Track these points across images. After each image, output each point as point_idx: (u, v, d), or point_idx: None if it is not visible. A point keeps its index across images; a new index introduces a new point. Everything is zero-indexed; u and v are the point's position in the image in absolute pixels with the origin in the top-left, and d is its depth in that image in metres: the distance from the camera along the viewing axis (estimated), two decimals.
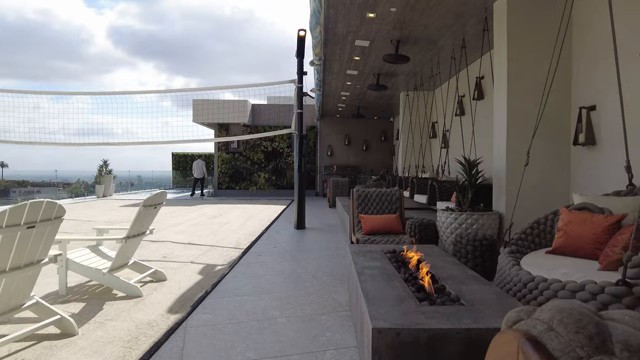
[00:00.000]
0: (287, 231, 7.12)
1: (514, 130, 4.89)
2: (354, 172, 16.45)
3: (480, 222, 4.68)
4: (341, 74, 9.21)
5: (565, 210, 2.96)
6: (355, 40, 6.97)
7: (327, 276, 4.09)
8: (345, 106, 13.55)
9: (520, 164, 4.91)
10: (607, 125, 4.31)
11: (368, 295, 2.04)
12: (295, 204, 7.37)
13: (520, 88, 4.90)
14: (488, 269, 3.85)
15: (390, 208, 4.51)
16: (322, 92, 11.11)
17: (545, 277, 2.34)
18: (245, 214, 10.07)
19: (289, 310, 3.16)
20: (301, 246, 5.75)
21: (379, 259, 2.86)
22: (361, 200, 4.57)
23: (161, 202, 3.98)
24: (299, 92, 7.36)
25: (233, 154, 16.75)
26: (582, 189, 4.64)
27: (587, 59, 4.61)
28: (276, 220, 8.72)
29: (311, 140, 16.64)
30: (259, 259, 4.94)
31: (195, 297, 3.54)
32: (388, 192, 4.59)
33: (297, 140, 7.27)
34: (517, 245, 3.10)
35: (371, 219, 4.27)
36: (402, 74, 9.19)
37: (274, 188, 16.66)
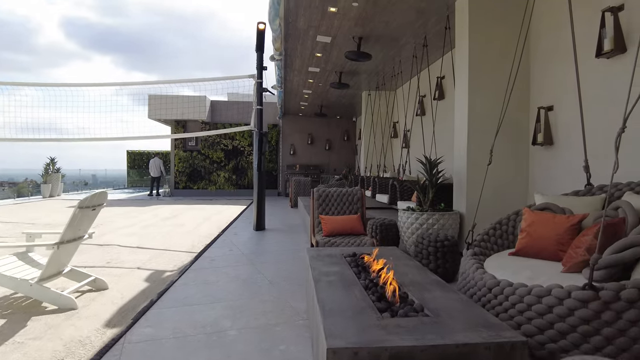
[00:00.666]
0: (246, 233, 6.82)
1: (475, 130, 4.87)
2: (316, 172, 16.29)
3: (441, 222, 4.61)
4: (303, 71, 9.00)
5: (528, 210, 2.90)
6: (316, 35, 6.78)
7: (285, 281, 3.86)
8: (308, 105, 13.36)
9: (481, 163, 4.89)
10: (564, 126, 4.35)
11: (324, 306, 1.84)
12: (254, 204, 7.08)
13: (481, 87, 4.88)
14: (450, 270, 3.76)
15: (352, 208, 4.35)
16: (283, 89, 10.85)
17: (511, 281, 2.24)
18: (202, 214, 9.65)
19: (242, 320, 2.90)
20: (259, 249, 5.48)
21: (338, 264, 2.67)
22: (322, 200, 4.37)
23: (101, 204, 3.60)
24: (258, 87, 7.08)
25: (191, 152, 16.13)
26: (540, 188, 4.68)
27: (544, 59, 4.65)
28: (235, 221, 8.38)
29: (273, 139, 16.32)
30: (213, 263, 4.63)
31: (139, 308, 3.21)
32: (349, 191, 4.42)
33: (256, 137, 6.99)
34: (479, 246, 3.01)
35: (332, 220, 4.08)
36: (364, 73, 9.11)
37: (234, 188, 16.20)
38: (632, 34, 3.53)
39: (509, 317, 2.17)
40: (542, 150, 4.67)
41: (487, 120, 4.88)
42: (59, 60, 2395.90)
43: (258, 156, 6.92)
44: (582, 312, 1.89)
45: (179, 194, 16.01)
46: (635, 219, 2.41)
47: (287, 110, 14.98)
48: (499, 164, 4.90)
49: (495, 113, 4.90)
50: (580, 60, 4.12)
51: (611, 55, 3.66)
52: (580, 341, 1.90)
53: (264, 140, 6.93)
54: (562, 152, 4.35)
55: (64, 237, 3.26)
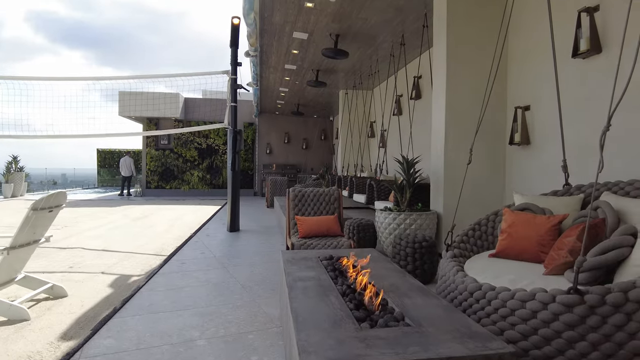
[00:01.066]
0: (219, 234, 6.59)
1: (452, 129, 4.83)
2: (293, 171, 16.12)
3: (418, 222, 4.54)
4: (279, 68, 8.82)
5: (508, 211, 2.83)
6: (293, 31, 6.63)
7: (259, 285, 3.69)
8: (285, 103, 13.17)
9: (458, 163, 4.86)
10: (540, 126, 4.36)
11: (298, 317, 1.69)
12: (228, 204, 6.86)
13: (459, 86, 4.84)
14: (428, 271, 3.69)
15: (329, 209, 4.22)
16: (259, 87, 10.63)
17: (493, 285, 2.15)
18: (174, 215, 9.33)
19: (212, 329, 2.73)
20: (232, 251, 5.28)
21: (314, 268, 2.53)
22: (298, 200, 4.22)
23: (59, 205, 3.34)
24: (233, 84, 6.86)
25: (163, 150, 15.67)
26: (517, 188, 4.67)
27: (521, 59, 4.65)
28: (208, 222, 8.12)
29: (249, 138, 16.04)
30: (183, 267, 4.42)
31: (100, 317, 2.98)
32: (326, 191, 4.29)
33: (230, 135, 6.77)
34: (459, 248, 2.93)
35: (308, 221, 3.94)
36: (342, 71, 9.01)
37: (208, 187, 15.83)
38: (607, 34, 3.54)
39: (491, 322, 2.09)
40: (519, 150, 4.67)
41: (464, 120, 4.85)
42: (24, 55, 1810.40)
43: (232, 155, 6.71)
44: (567, 317, 1.81)
45: (150, 194, 15.52)
46: (615, 220, 2.37)
47: (264, 108, 14.75)
48: (476, 163, 4.87)
49: (472, 112, 4.87)
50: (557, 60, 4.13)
51: (587, 56, 3.66)
52: (565, 347, 1.82)
53: (239, 139, 6.72)
54: (539, 152, 4.35)
55: (15, 242, 2.99)
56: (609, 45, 3.51)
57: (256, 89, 10.69)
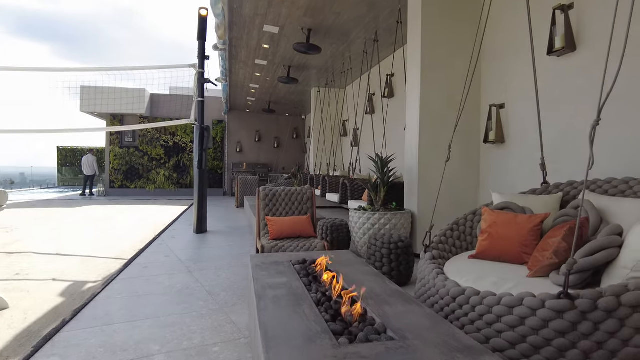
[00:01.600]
0: (185, 236, 6.26)
1: (426, 127, 4.73)
2: (264, 170, 15.81)
3: (393, 222, 4.42)
4: (249, 63, 8.54)
5: (487, 210, 2.73)
6: (263, 25, 6.38)
7: (227, 291, 3.45)
8: (255, 100, 12.86)
9: (432, 161, 4.77)
10: (515, 124, 4.32)
11: (267, 332, 1.49)
12: (195, 204, 6.54)
13: (433, 84, 4.75)
14: (404, 273, 3.55)
15: (301, 209, 4.02)
16: (228, 82, 10.29)
17: (477, 290, 2.02)
18: (139, 216, 8.88)
19: (173, 341, 2.47)
20: (199, 254, 5.00)
21: (286, 273, 2.33)
22: (268, 200, 4.00)
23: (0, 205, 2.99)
24: (200, 78, 6.54)
25: (128, 148, 15.00)
26: (492, 187, 4.63)
27: (496, 56, 4.60)
28: (174, 223, 7.74)
29: (218, 136, 15.60)
30: (145, 272, 4.10)
31: (45, 331, 2.67)
32: (298, 191, 4.09)
33: (197, 132, 6.45)
34: (438, 249, 2.80)
35: (279, 222, 3.73)
36: (314, 68, 8.82)
37: (175, 187, 15.29)
38: (582, 32, 3.51)
39: (476, 329, 1.95)
40: (493, 149, 4.63)
41: (439, 118, 4.77)
42: None
43: (199, 152, 6.40)
44: (557, 324, 1.69)
45: (114, 194, 14.84)
46: (598, 219, 2.29)
47: (233, 105, 14.37)
48: (450, 162, 4.80)
49: (447, 110, 4.80)
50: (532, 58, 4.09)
51: (562, 54, 3.63)
52: (556, 355, 1.71)
53: (206, 135, 6.42)
54: (514, 151, 4.31)
55: None
56: (584, 43, 3.49)
57: (225, 85, 10.35)
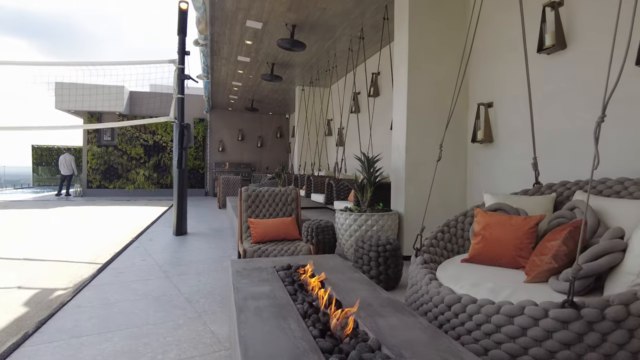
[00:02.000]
0: (164, 238, 6.02)
1: (414, 126, 4.62)
2: (247, 170, 15.55)
3: (380, 223, 4.29)
4: (232, 59, 8.31)
5: (480, 211, 2.61)
6: (246, 20, 6.19)
7: (206, 298, 3.26)
8: (238, 98, 12.61)
9: (420, 161, 4.67)
10: (504, 123, 4.24)
11: (248, 350, 1.33)
12: (174, 205, 6.30)
13: (421, 82, 4.64)
14: (392, 276, 3.43)
15: (285, 210, 3.85)
16: (210, 80, 10.03)
17: (474, 297, 1.90)
18: (116, 217, 8.55)
19: (147, 355, 2.28)
20: (178, 258, 4.78)
21: (270, 281, 2.17)
22: (251, 201, 3.82)
23: None
24: (180, 74, 6.30)
25: (106, 147, 14.55)
26: (480, 188, 4.55)
27: (485, 53, 4.53)
28: (153, 224, 7.47)
29: (200, 135, 15.27)
30: (120, 277, 3.87)
31: (4, 347, 2.44)
32: (283, 191, 3.92)
33: (177, 130, 6.21)
34: (429, 252, 2.68)
35: (262, 224, 3.55)
36: (298, 66, 8.65)
37: (155, 187, 14.90)
38: (572, 30, 3.44)
39: (473, 340, 1.83)
40: (481, 148, 4.55)
41: (426, 116, 4.67)
42: None
43: (179, 151, 6.16)
44: (561, 335, 1.58)
45: (92, 194, 14.37)
46: (595, 221, 2.20)
47: (215, 103, 14.07)
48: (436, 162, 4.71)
49: (434, 109, 4.70)
50: (521, 55, 4.02)
51: (552, 51, 3.56)
52: None
53: (186, 133, 6.18)
54: (502, 150, 4.24)
55: None
56: (574, 41, 3.42)
57: (207, 82, 10.08)
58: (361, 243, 3.55)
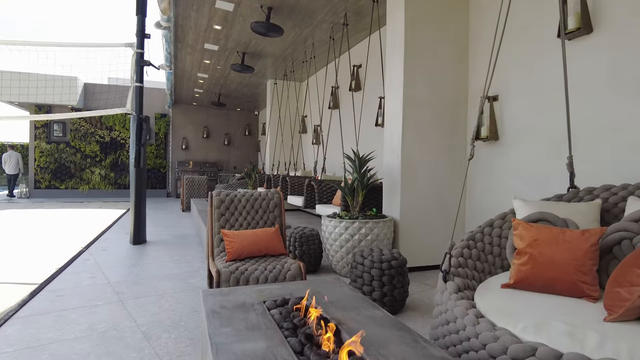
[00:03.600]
0: (119, 248, 5.20)
1: (411, 121, 4.10)
2: (214, 170, 14.66)
3: (375, 232, 3.73)
4: (198, 47, 7.52)
5: (522, 223, 2.09)
6: (215, 0, 5.47)
7: (170, 332, 2.56)
8: (204, 92, 11.74)
9: (417, 160, 4.14)
10: (512, 118, 3.79)
11: None
12: (131, 209, 5.48)
13: (418, 72, 4.13)
14: (398, 298, 2.87)
15: (267, 218, 3.21)
16: (173, 70, 9.16)
17: (554, 349, 1.35)
18: (65, 222, 7.55)
19: None
20: (135, 274, 4.02)
21: (262, 329, 1.53)
22: (224, 208, 3.15)
23: None
24: (138, 59, 5.49)
25: (57, 144, 13.25)
26: (480, 190, 4.08)
27: (488, 40, 4.06)
28: (107, 230, 6.58)
29: (161, 131, 14.23)
30: (58, 303, 3.10)
31: None
32: (263, 195, 3.27)
33: (134, 123, 5.40)
34: (458, 275, 2.13)
35: (239, 237, 2.89)
36: (271, 57, 7.97)
37: (112, 187, 13.73)
38: (599, 13, 3.01)
39: None
40: (485, 147, 4.08)
41: (423, 111, 4.16)
42: None
43: (136, 148, 5.35)
44: None
45: (40, 195, 13.04)
46: None
47: (179, 98, 13.11)
48: (434, 161, 4.22)
49: (431, 103, 4.20)
50: (536, 41, 3.57)
51: (575, 36, 3.11)
52: None
53: (144, 127, 5.39)
54: (510, 149, 3.78)
55: None
56: (600, 27, 2.98)
57: (169, 73, 9.21)
58: (360, 258, 2.96)
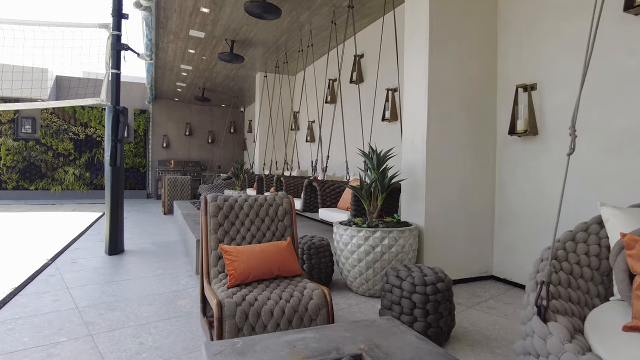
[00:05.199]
0: (92, 260, 4.49)
1: (437, 115, 3.55)
2: (197, 169, 13.88)
3: (400, 243, 3.16)
4: (182, 35, 6.81)
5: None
6: None
7: None
8: (187, 86, 10.98)
9: (443, 157, 3.60)
10: (553, 111, 3.26)
11: None
12: (107, 214, 4.77)
13: (444, 57, 3.58)
14: (444, 328, 2.30)
15: (275, 229, 2.59)
16: (154, 61, 8.41)
17: None
18: (32, 228, 6.73)
19: None
20: (110, 295, 3.34)
21: None
22: (223, 216, 2.51)
23: None
24: (115, 42, 4.79)
25: (26, 141, 12.25)
26: (513, 193, 3.55)
27: (524, 18, 3.53)
28: (80, 237, 5.83)
29: (141, 128, 13.36)
30: (5, 341, 2.41)
31: None
32: (270, 200, 2.65)
33: (110, 116, 4.69)
34: (556, 311, 1.56)
35: (245, 255, 2.27)
36: (262, 46, 7.31)
37: (87, 188, 12.80)
38: None
39: None
40: (520, 143, 3.56)
41: (449, 103, 3.62)
42: None
43: (112, 144, 4.65)
44: None
45: (6, 197, 12.02)
46: None
47: (160, 92, 12.29)
48: (460, 159, 3.68)
49: (457, 93, 3.66)
50: (590, 17, 3.05)
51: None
52: None
53: (122, 120, 4.69)
54: (553, 146, 3.26)
55: None
56: None
57: (150, 63, 8.44)
58: (396, 280, 2.38)
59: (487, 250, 3.81)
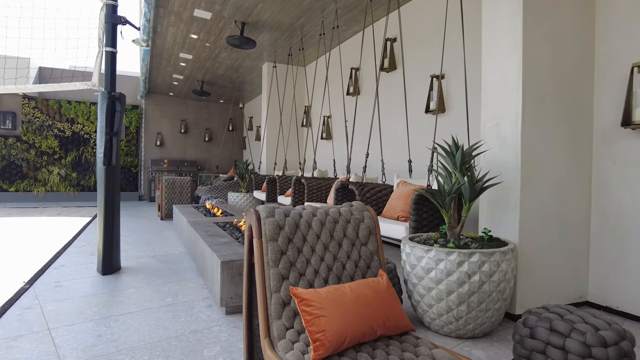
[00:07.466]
0: (81, 283, 3.61)
1: (533, 97, 2.77)
2: (193, 169, 12.96)
3: (503, 269, 2.36)
4: (185, 16, 5.94)
5: None
6: None
7: None
8: (184, 78, 10.07)
9: (542, 155, 2.83)
10: None
11: None
12: (100, 224, 3.89)
13: (539, 25, 2.81)
14: None
15: (356, 257, 1.77)
16: (151, 48, 7.51)
17: None
18: (9, 237, 5.78)
19: None
20: (106, 340, 2.48)
21: None
22: (285, 240, 1.67)
23: None
24: (109, 15, 3.92)
25: (5, 137, 11.21)
26: (618, 200, 2.79)
27: None
28: (65, 250, 4.92)
29: (133, 125, 12.39)
30: None
31: None
32: (345, 214, 1.83)
33: (103, 103, 3.81)
34: None
35: (334, 305, 1.44)
36: (277, 29, 6.46)
37: (74, 190, 11.78)
38: None
39: None
40: (633, 137, 2.79)
41: (546, 83, 2.85)
42: None
43: (106, 138, 3.77)
44: None
45: None
46: None
47: (154, 86, 11.35)
48: (555, 156, 2.91)
49: (554, 71, 2.90)
50: None
51: None
52: None
53: (118, 109, 3.82)
54: None
55: None
56: None
57: (146, 50, 7.54)
58: (553, 337, 1.58)
59: (582, 270, 3.05)
